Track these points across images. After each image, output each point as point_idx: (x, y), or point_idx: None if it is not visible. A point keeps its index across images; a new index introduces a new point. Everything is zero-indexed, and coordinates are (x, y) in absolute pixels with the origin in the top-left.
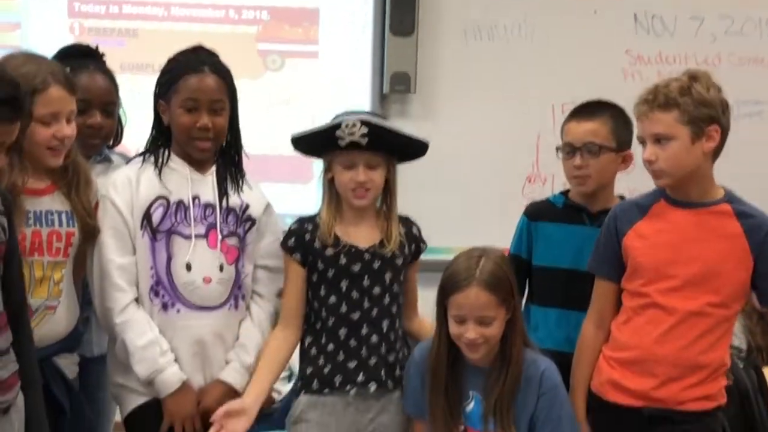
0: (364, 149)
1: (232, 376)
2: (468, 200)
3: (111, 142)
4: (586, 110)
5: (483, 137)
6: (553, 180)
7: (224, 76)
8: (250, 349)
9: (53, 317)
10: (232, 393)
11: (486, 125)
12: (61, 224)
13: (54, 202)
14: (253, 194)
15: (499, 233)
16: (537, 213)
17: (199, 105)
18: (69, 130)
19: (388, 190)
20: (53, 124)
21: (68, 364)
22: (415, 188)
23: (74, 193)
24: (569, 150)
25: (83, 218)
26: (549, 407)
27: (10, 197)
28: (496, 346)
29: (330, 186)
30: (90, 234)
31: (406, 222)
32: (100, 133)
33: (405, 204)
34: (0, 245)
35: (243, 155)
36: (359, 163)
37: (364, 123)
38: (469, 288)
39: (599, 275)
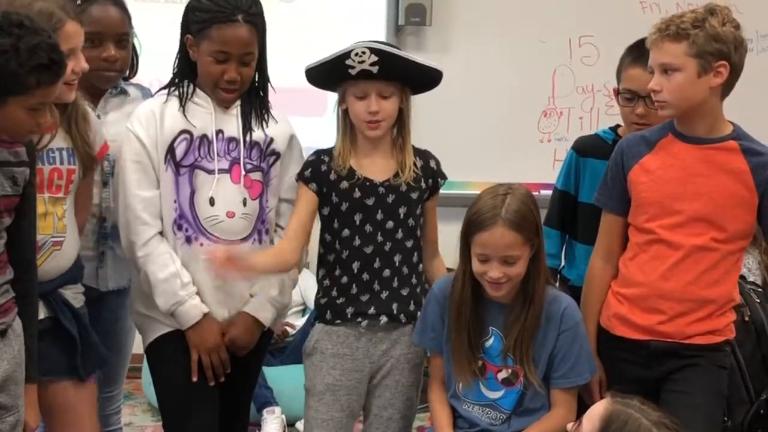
0: (376, 78)
1: (257, 308)
2: (484, 134)
3: (126, 74)
4: None
5: (499, 71)
6: (569, 114)
7: (257, 23)
8: (274, 281)
9: (59, 253)
10: (259, 325)
11: (502, 59)
12: (62, 162)
13: (56, 139)
14: (279, 127)
15: (516, 167)
16: (585, 148)
17: (229, 57)
18: (84, 63)
19: (402, 121)
20: (71, 59)
21: (73, 295)
22: (432, 122)
23: (75, 128)
24: (630, 97)
25: (83, 151)
26: (569, 344)
27: (35, 148)
28: (519, 284)
29: (344, 117)
30: (89, 168)
31: (424, 155)
32: (115, 65)
33: (421, 138)
34: (14, 197)
35: (270, 89)
36: (371, 92)
37: (373, 51)
38: (494, 227)
39: (606, 209)
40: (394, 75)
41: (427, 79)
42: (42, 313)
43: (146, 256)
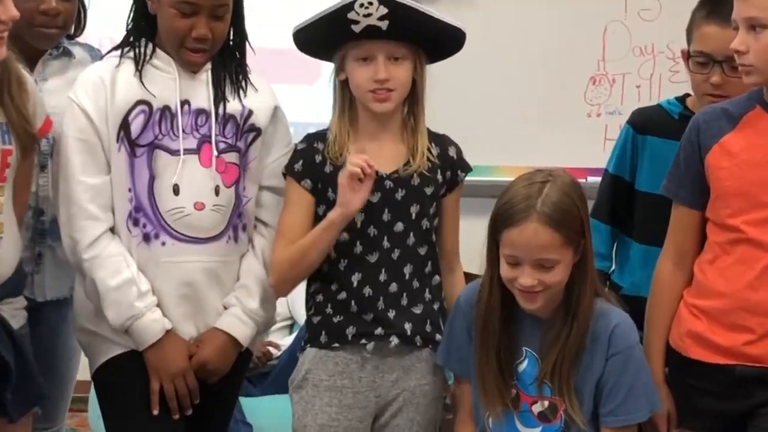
0: (384, 37)
1: (232, 324)
2: (516, 108)
3: (71, 31)
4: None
5: (535, 27)
6: (624, 82)
7: None
8: (254, 290)
9: None
10: (235, 344)
11: (539, 12)
12: None
13: None
14: (259, 97)
15: (557, 148)
16: (645, 124)
17: (198, 9)
18: (14, 9)
19: (415, 95)
20: None
21: (12, 311)
22: (450, 93)
23: (8, 97)
24: (704, 61)
25: (20, 128)
26: (619, 373)
27: None
28: (559, 294)
29: (343, 90)
30: (29, 147)
31: (441, 140)
32: (57, 20)
33: (435, 113)
34: None
35: (248, 49)
36: (378, 54)
37: (382, 1)
38: (526, 222)
39: (677, 200)
40: (409, 33)
41: (447, 40)
42: None
43: (93, 259)
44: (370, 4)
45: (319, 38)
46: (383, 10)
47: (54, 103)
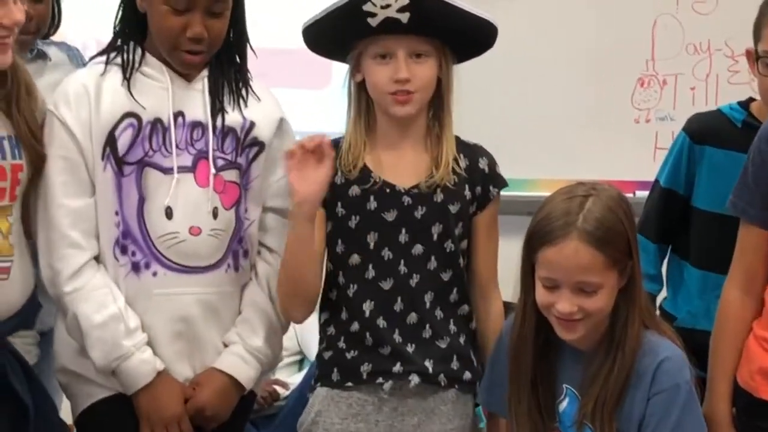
0: (404, 32)
1: (233, 363)
2: (555, 113)
3: (46, 31)
4: None
5: (576, 23)
6: (676, 83)
7: None
8: (258, 325)
9: (6, 283)
10: (237, 387)
11: (580, 7)
12: (3, 156)
13: None
14: (262, 107)
15: (601, 159)
16: (703, 132)
17: (192, 5)
18: (19, 12)
19: (440, 98)
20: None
21: (26, 346)
22: (480, 96)
23: (15, 109)
24: None
25: (30, 143)
26: (661, 415)
27: None
28: (603, 323)
29: (359, 93)
30: (40, 165)
31: (472, 151)
32: (29, 25)
33: (461, 119)
34: None
35: (249, 51)
36: (399, 51)
37: None
38: (565, 240)
39: (746, 220)
40: (433, 27)
41: (476, 36)
42: None
43: (76, 292)
44: None
45: (331, 34)
46: (404, 1)
47: None
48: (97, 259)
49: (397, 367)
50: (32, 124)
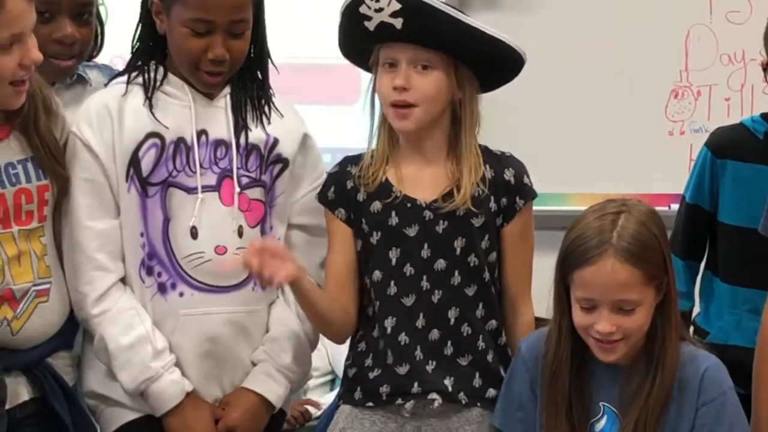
0: (406, 41)
1: (262, 382)
2: (585, 126)
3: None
4: None
5: (607, 34)
6: (710, 94)
7: None
8: (285, 343)
9: (46, 305)
10: (267, 406)
11: (611, 17)
12: (29, 179)
13: (12, 150)
14: (285, 123)
15: (633, 173)
16: (725, 146)
17: (213, 28)
18: (36, 51)
19: (463, 119)
20: (16, 49)
21: (65, 367)
22: (509, 110)
23: (34, 132)
24: None
25: (50, 164)
26: (713, 423)
27: None
28: (641, 340)
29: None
30: (64, 184)
31: (498, 161)
32: (73, 48)
33: (494, 135)
34: None
35: (270, 68)
36: (402, 59)
37: None
38: (601, 259)
39: None
40: (430, 36)
41: (492, 55)
42: (25, 394)
43: (103, 314)
44: None
45: (346, 42)
46: (396, 5)
47: None
48: (123, 281)
49: (416, 388)
50: (52, 145)
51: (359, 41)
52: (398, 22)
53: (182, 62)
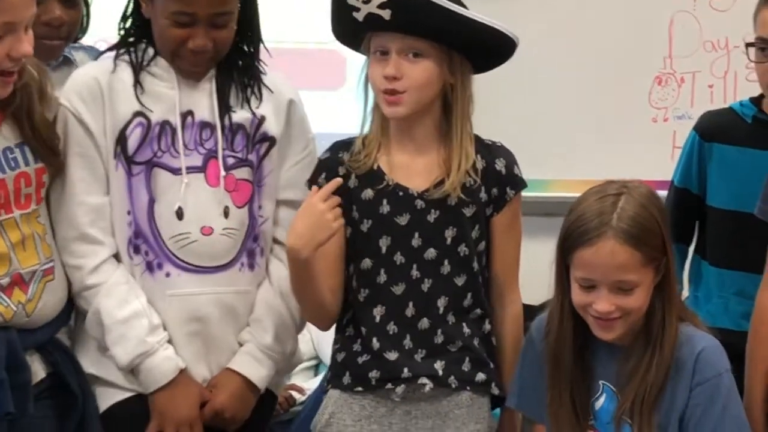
0: (395, 30)
1: (245, 363)
2: (571, 113)
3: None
4: None
5: (590, 20)
6: (694, 81)
7: None
8: (267, 322)
9: (53, 283)
10: (252, 388)
11: (595, 3)
12: (27, 162)
13: (5, 136)
14: (272, 100)
15: (618, 159)
16: (713, 129)
17: (195, 20)
18: (28, 44)
19: (454, 103)
20: (7, 39)
21: (66, 340)
22: (493, 96)
23: (26, 119)
24: (764, 47)
25: (45, 152)
26: (706, 405)
27: None
28: (639, 320)
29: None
30: (58, 169)
31: (489, 151)
32: (61, 30)
33: (477, 121)
34: None
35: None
36: (392, 48)
37: None
38: (601, 240)
39: None
40: (419, 26)
41: (484, 42)
42: (41, 371)
43: (98, 286)
44: None
45: (337, 27)
46: None
47: None
48: (116, 256)
49: (406, 373)
50: (45, 133)
51: (350, 30)
52: (386, 14)
53: (163, 49)
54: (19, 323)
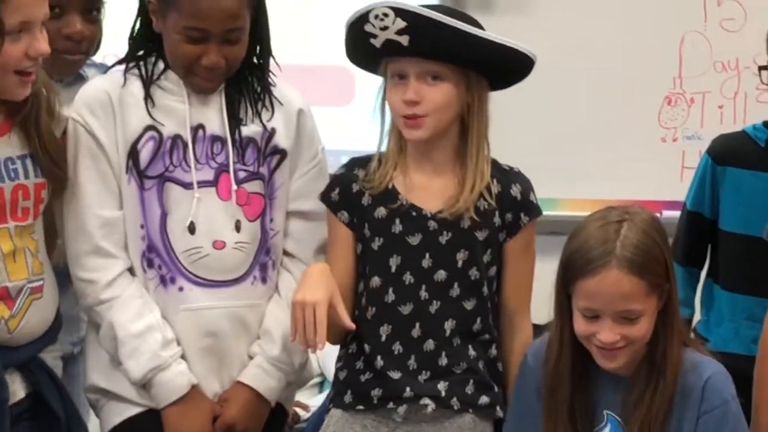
0: (413, 55)
1: (255, 376)
2: (579, 131)
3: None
4: None
5: (600, 39)
6: (704, 102)
7: None
8: (275, 334)
9: (40, 302)
10: (262, 401)
11: (605, 21)
12: (27, 175)
13: (12, 146)
14: (282, 112)
15: (627, 178)
16: (726, 153)
17: (207, 36)
18: (45, 44)
19: (471, 122)
20: (24, 38)
21: (53, 360)
22: (501, 115)
23: (34, 130)
24: None
25: (48, 165)
26: (714, 431)
27: None
28: (642, 348)
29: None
30: (60, 185)
31: (506, 176)
32: (81, 45)
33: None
34: None
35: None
36: (410, 73)
37: (398, 12)
38: (605, 270)
39: None
40: (438, 51)
41: (502, 62)
42: (21, 391)
43: (113, 300)
44: (386, 15)
45: (352, 52)
46: (401, 23)
47: None
48: (130, 270)
49: (408, 392)
50: (51, 145)
51: (366, 55)
52: (404, 40)
53: (176, 65)
54: (1, 339)
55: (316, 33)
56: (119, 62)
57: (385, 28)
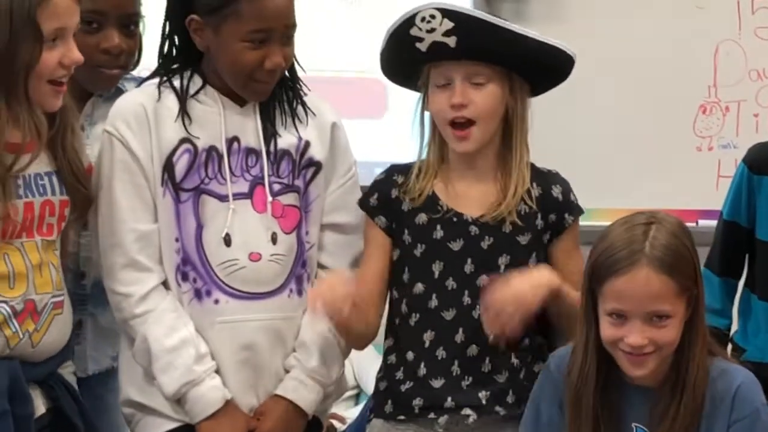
0: (460, 57)
1: (292, 388)
2: (613, 141)
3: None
4: None
5: (634, 49)
6: (739, 110)
7: None
8: (312, 346)
9: (61, 317)
10: (300, 413)
11: (639, 32)
12: (54, 191)
13: (40, 162)
14: (316, 123)
15: (661, 188)
16: (762, 162)
17: (270, 36)
18: (78, 53)
19: (509, 126)
20: (59, 45)
21: (69, 375)
22: (538, 124)
23: (60, 149)
24: None
25: (73, 183)
26: None
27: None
28: (668, 358)
29: (432, 122)
30: (84, 204)
31: (545, 180)
32: (119, 59)
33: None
34: None
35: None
36: (456, 76)
37: (446, 13)
38: (635, 268)
39: None
40: (485, 51)
41: (546, 62)
42: (41, 406)
43: (147, 314)
44: (432, 17)
45: (394, 63)
46: (448, 24)
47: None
48: (165, 284)
49: (449, 402)
50: (75, 164)
51: (408, 63)
52: (452, 41)
53: (237, 75)
54: (24, 354)
55: (348, 44)
56: (151, 76)
57: (431, 30)
